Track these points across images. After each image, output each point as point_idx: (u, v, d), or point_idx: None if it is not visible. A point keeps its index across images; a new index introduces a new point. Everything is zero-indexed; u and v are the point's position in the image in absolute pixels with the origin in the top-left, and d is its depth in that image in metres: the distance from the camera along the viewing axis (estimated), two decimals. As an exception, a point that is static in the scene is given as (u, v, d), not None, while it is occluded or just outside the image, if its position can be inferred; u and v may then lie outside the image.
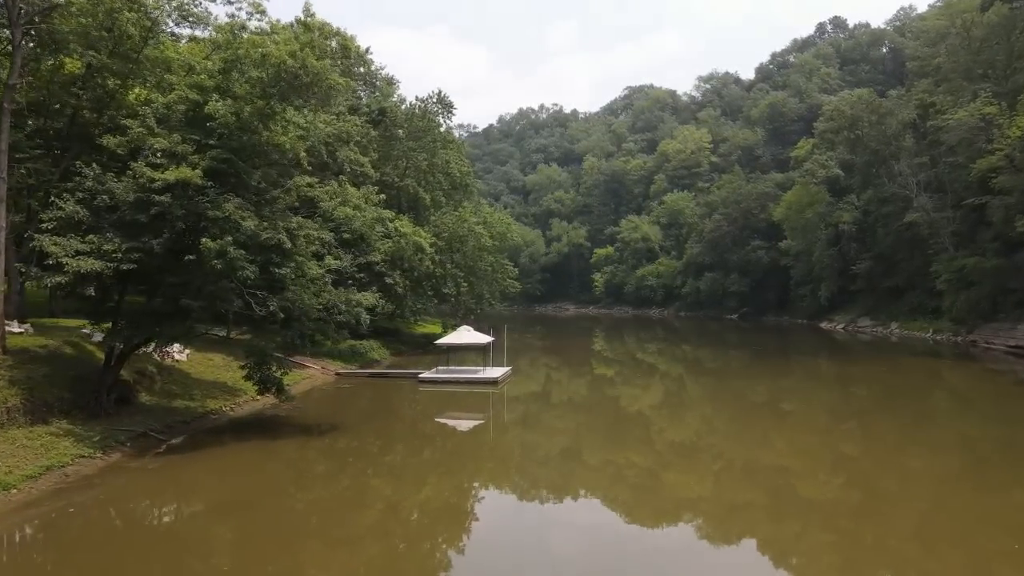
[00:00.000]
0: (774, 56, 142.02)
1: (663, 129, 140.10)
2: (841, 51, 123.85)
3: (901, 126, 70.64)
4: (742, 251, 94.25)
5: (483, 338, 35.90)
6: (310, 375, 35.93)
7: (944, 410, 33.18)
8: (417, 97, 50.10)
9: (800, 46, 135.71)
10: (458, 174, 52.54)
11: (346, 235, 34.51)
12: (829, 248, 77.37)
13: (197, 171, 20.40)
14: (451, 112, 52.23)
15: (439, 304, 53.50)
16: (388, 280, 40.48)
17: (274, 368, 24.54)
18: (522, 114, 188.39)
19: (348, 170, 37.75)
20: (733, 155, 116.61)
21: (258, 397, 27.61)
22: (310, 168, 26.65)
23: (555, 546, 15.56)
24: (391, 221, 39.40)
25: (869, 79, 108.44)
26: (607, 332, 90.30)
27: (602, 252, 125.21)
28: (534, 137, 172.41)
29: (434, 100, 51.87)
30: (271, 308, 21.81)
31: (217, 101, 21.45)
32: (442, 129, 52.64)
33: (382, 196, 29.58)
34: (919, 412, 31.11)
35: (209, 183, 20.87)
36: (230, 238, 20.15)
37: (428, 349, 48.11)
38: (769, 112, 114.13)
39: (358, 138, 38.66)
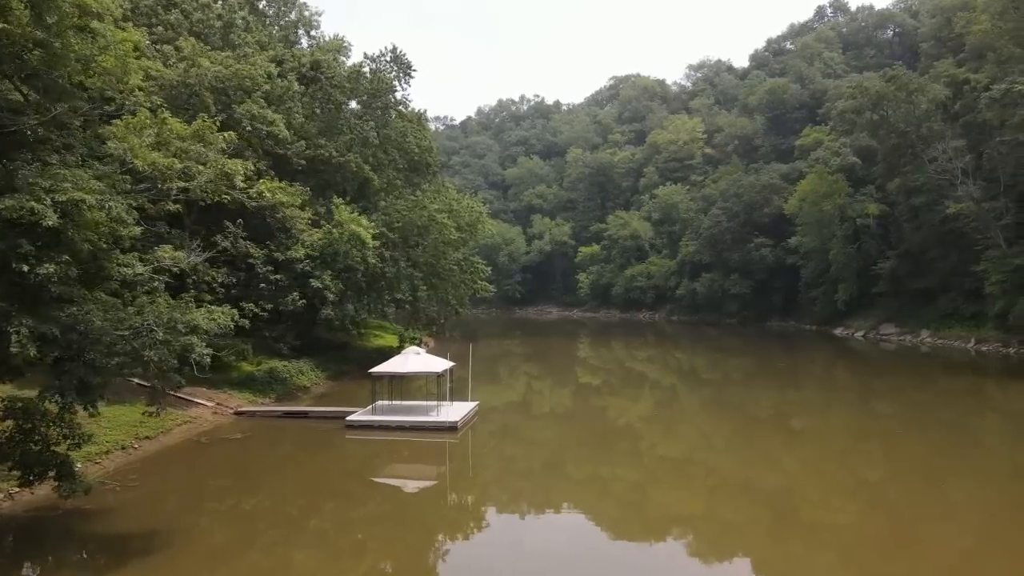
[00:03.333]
0: (769, 42, 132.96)
1: (652, 119, 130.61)
2: (843, 35, 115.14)
3: (933, 106, 61.55)
4: (743, 249, 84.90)
5: (437, 364, 25.88)
6: (193, 417, 25.63)
7: (993, 433, 28.21)
8: (366, 55, 39.59)
9: (798, 31, 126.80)
10: (416, 150, 42.29)
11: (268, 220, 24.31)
12: (848, 245, 68.12)
13: None
14: (409, 75, 42.09)
15: (398, 310, 43.30)
16: (315, 283, 30.25)
17: (54, 439, 14.24)
18: (502, 105, 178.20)
19: (248, 129, 27.49)
20: (730, 145, 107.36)
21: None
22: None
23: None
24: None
25: (876, 64, 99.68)
26: (594, 338, 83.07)
27: (588, 251, 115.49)
28: (514, 129, 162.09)
29: (388, 59, 41.66)
30: (15, 337, 11.61)
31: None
32: (398, 95, 42.48)
33: (230, 135, 18.70)
34: (960, 435, 27.02)
35: None
36: None
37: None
38: (768, 99, 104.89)
39: (267, 88, 28.36)
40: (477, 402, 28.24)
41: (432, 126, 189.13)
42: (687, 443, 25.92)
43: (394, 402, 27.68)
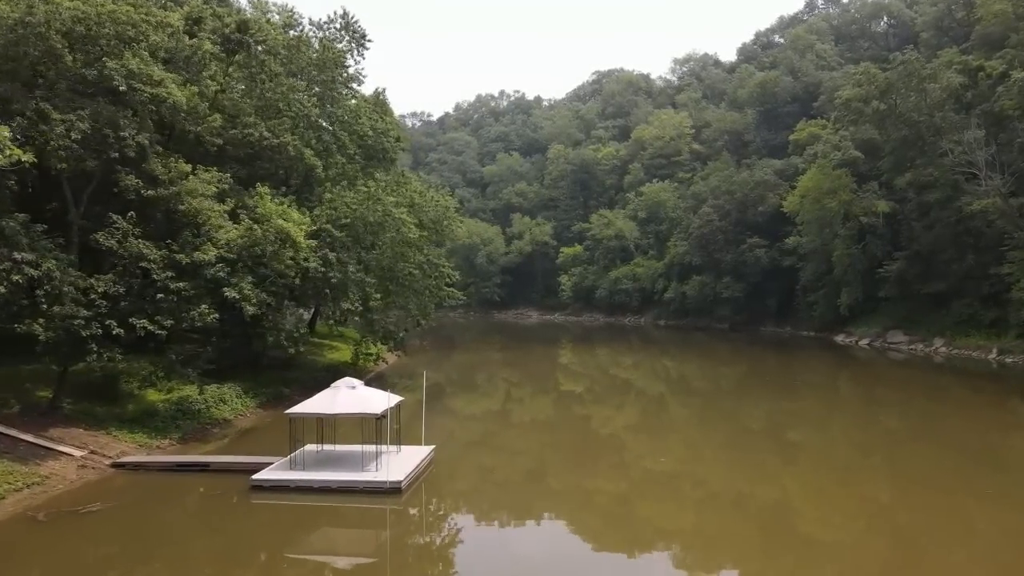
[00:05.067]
0: (758, 35, 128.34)
1: (637, 115, 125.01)
2: (835, 27, 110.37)
3: (945, 95, 56.47)
4: (736, 250, 79.48)
5: (377, 402, 19.65)
6: (46, 475, 19.14)
7: (1017, 454, 25.95)
8: (312, 21, 33.19)
9: (787, 23, 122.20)
10: (370, 133, 35.94)
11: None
12: (852, 245, 62.79)
13: None
14: (363, 46, 35.83)
15: (347, 322, 36.99)
16: (230, 292, 23.89)
17: None
18: (481, 101, 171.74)
19: (122, 89, 21.10)
20: (719, 141, 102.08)
21: None
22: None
23: None
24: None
25: (872, 56, 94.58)
26: (576, 344, 78.54)
27: (570, 251, 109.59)
28: (494, 125, 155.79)
29: (337, 26, 35.30)
30: None
31: None
32: (351, 70, 36.15)
33: None
34: (978, 455, 25.07)
35: None
36: None
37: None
38: (759, 93, 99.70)
39: (157, 40, 21.97)
40: (433, 447, 22.07)
41: (408, 122, 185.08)
42: (694, 467, 24.17)
43: (324, 447, 21.46)
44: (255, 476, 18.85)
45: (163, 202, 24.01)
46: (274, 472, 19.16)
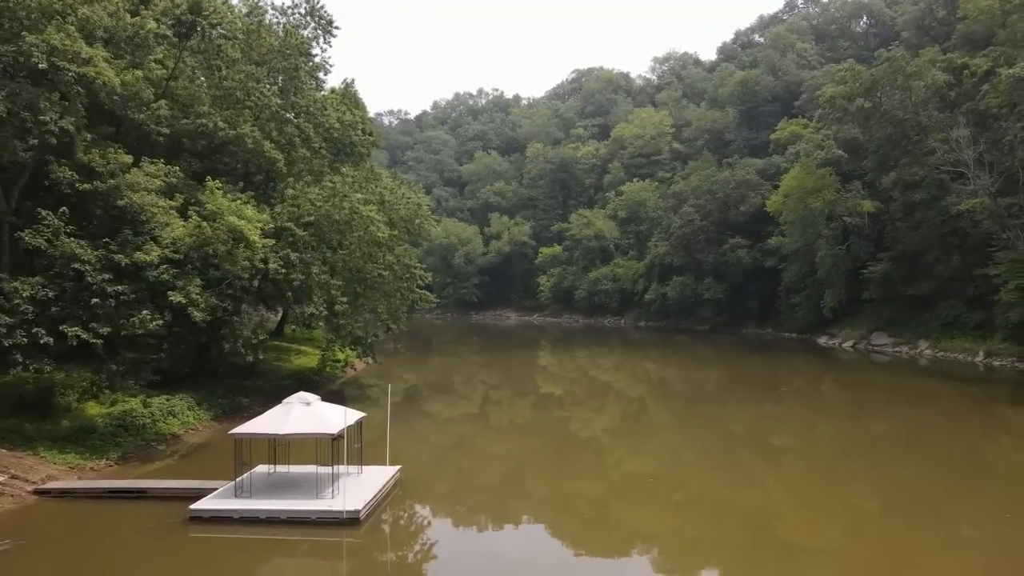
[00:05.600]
0: (738, 34, 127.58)
1: (617, 113, 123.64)
2: (815, 27, 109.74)
3: (930, 93, 55.48)
4: (718, 250, 78.21)
5: (334, 419, 17.52)
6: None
7: (1004, 458, 25.67)
8: (274, 5, 30.87)
9: (767, 23, 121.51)
10: (337, 126, 33.70)
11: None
12: (836, 246, 61.65)
13: None
14: (330, 33, 33.58)
15: (322, 324, 34.70)
16: (175, 297, 21.60)
17: None
18: (459, 99, 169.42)
19: (42, 67, 18.77)
20: (700, 140, 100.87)
21: None
22: None
23: None
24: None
25: (852, 55, 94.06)
26: (555, 345, 76.75)
27: (549, 251, 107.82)
28: (472, 123, 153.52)
29: (301, 11, 33.01)
30: None
31: None
32: (317, 59, 33.89)
33: None
34: (965, 460, 24.81)
35: None
36: None
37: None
38: (740, 91, 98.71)
39: (87, 13, 19.63)
40: (398, 467, 19.99)
41: (385, 120, 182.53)
42: (677, 473, 23.61)
43: (276, 469, 19.30)
44: (194, 506, 16.66)
45: (102, 197, 21.67)
46: (217, 500, 16.98)
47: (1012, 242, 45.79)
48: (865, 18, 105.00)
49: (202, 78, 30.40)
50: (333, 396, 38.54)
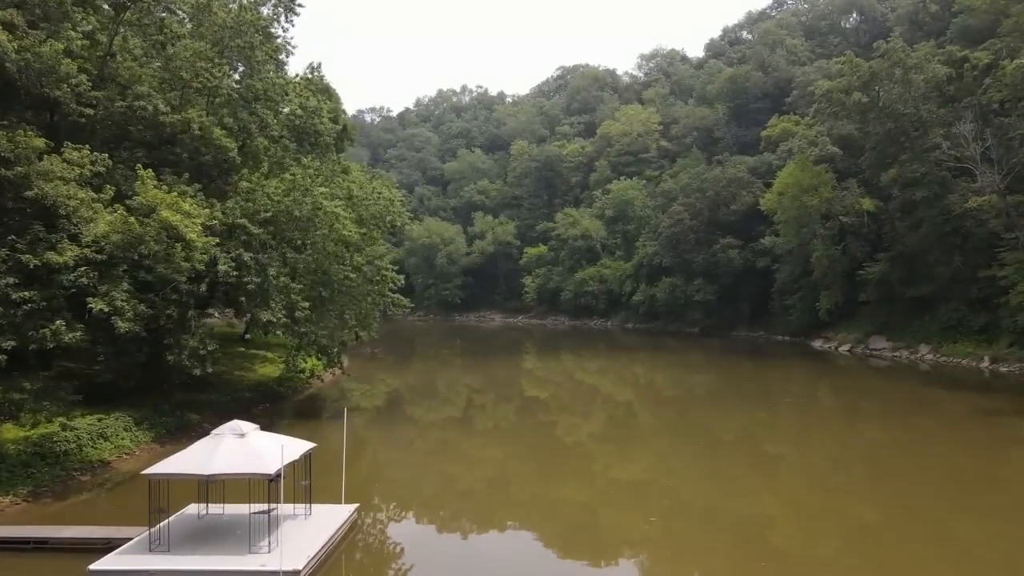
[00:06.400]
0: (726, 31, 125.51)
1: (603, 111, 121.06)
2: (804, 23, 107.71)
3: (930, 87, 53.25)
4: (708, 250, 75.75)
5: (271, 456, 14.33)
6: None
7: (1015, 470, 24.39)
8: (229, -22, 27.54)
9: (755, 19, 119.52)
10: (300, 112, 30.57)
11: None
12: (832, 246, 59.27)
13: None
14: (293, 10, 30.44)
15: (280, 332, 31.49)
16: (96, 304, 18.44)
17: None
18: (442, 96, 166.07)
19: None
20: (688, 137, 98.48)
21: None
22: None
23: None
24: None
25: (843, 52, 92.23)
26: (541, 349, 74.78)
27: (534, 251, 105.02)
28: (455, 121, 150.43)
29: (260, -15, 29.79)
30: None
31: None
32: (279, 39, 30.70)
33: None
34: (972, 470, 23.73)
35: None
36: None
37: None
38: (729, 88, 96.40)
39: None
40: (355, 506, 16.93)
41: (367, 117, 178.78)
42: (671, 482, 23.04)
43: (209, 509, 16.21)
44: (95, 565, 13.50)
45: (10, 187, 18.47)
46: (124, 557, 13.85)
47: (1020, 242, 43.51)
48: (855, 14, 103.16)
49: (146, 57, 27.18)
50: (298, 408, 35.62)
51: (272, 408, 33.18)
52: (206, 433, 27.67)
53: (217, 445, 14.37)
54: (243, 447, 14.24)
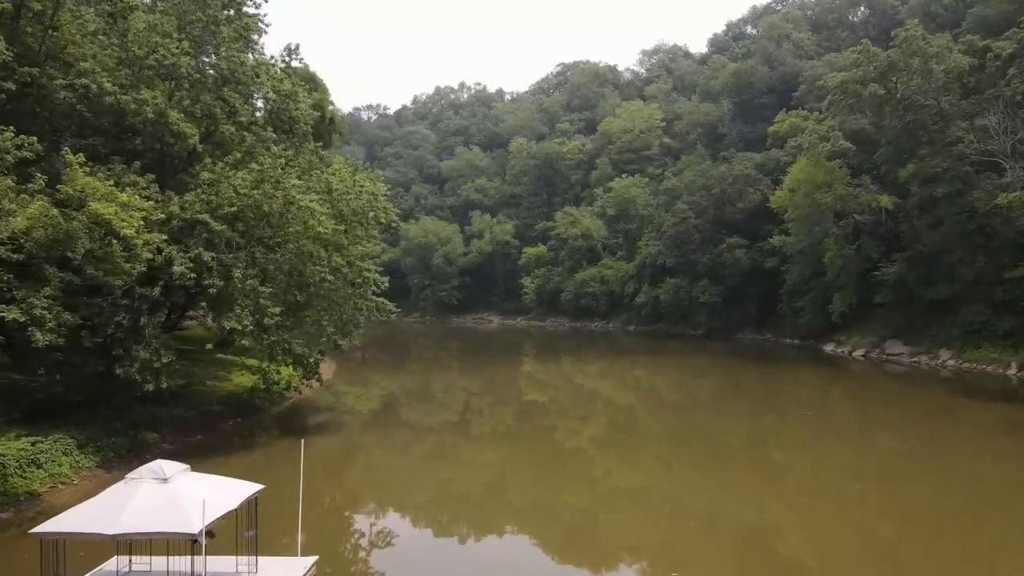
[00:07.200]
0: (730, 26, 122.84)
1: (604, 107, 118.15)
2: (810, 17, 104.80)
3: (951, 78, 50.44)
4: (714, 250, 72.89)
5: (191, 509, 11.31)
6: None
7: None
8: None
9: (760, 13, 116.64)
10: (272, 96, 27.67)
11: None
12: (846, 245, 56.41)
13: None
14: (263, -16, 27.52)
15: (247, 342, 28.57)
16: (8, 313, 15.54)
17: None
18: (440, 93, 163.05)
19: None
20: (692, 134, 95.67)
21: None
22: None
23: None
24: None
25: (851, 46, 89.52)
26: (540, 352, 72.59)
27: (533, 251, 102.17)
28: (453, 118, 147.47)
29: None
30: None
31: None
32: (250, 16, 27.75)
33: None
34: (994, 485, 21.84)
35: None
36: None
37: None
38: (734, 83, 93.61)
39: None
40: (314, 559, 14.03)
41: (364, 115, 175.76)
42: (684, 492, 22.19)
43: (133, 565, 13.25)
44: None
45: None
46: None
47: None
48: (864, 7, 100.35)
49: (104, 36, 24.30)
50: (276, 423, 32.63)
51: (244, 423, 30.28)
52: (164, 453, 25.04)
53: (131, 493, 11.45)
54: (164, 496, 11.34)
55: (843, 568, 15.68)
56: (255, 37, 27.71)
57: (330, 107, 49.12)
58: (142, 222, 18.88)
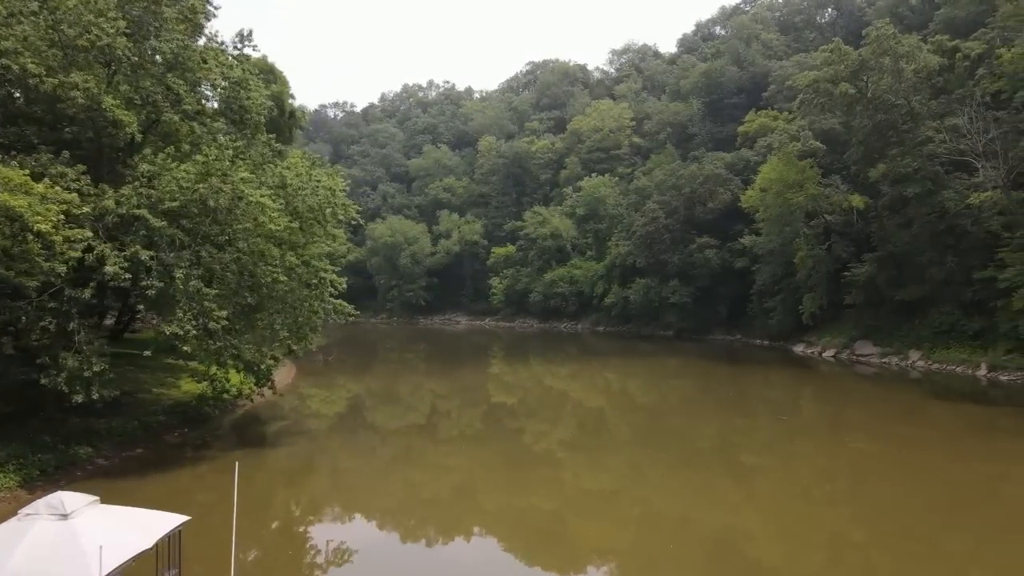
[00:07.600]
0: (699, 26, 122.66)
1: (573, 106, 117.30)
2: (778, 18, 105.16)
3: (921, 77, 50.27)
4: (684, 250, 72.26)
5: (92, 552, 9.51)
6: None
7: (1016, 487, 22.44)
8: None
9: (729, 14, 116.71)
10: (222, 83, 25.78)
11: None
12: (817, 246, 56.04)
13: None
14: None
15: (188, 348, 26.49)
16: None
17: None
18: (407, 91, 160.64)
19: None
20: (662, 133, 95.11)
21: None
22: None
23: None
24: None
25: (820, 47, 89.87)
26: (509, 353, 71.58)
27: (501, 251, 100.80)
28: (421, 116, 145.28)
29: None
30: None
31: None
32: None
33: None
34: (965, 487, 21.75)
35: None
36: None
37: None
38: (704, 83, 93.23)
39: None
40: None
41: (330, 112, 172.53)
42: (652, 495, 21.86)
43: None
44: None
45: None
46: None
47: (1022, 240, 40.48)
48: (831, 8, 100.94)
49: (35, 17, 22.19)
50: (228, 433, 30.64)
51: (192, 434, 28.27)
52: (98, 471, 23.04)
53: (23, 533, 9.68)
54: (61, 536, 9.60)
55: (813, 571, 15.79)
56: (203, 22, 25.74)
57: (290, 100, 47.05)
58: (62, 216, 17.01)
